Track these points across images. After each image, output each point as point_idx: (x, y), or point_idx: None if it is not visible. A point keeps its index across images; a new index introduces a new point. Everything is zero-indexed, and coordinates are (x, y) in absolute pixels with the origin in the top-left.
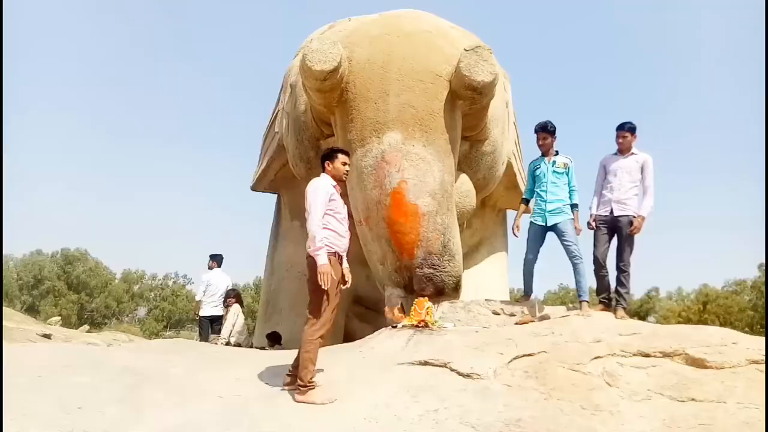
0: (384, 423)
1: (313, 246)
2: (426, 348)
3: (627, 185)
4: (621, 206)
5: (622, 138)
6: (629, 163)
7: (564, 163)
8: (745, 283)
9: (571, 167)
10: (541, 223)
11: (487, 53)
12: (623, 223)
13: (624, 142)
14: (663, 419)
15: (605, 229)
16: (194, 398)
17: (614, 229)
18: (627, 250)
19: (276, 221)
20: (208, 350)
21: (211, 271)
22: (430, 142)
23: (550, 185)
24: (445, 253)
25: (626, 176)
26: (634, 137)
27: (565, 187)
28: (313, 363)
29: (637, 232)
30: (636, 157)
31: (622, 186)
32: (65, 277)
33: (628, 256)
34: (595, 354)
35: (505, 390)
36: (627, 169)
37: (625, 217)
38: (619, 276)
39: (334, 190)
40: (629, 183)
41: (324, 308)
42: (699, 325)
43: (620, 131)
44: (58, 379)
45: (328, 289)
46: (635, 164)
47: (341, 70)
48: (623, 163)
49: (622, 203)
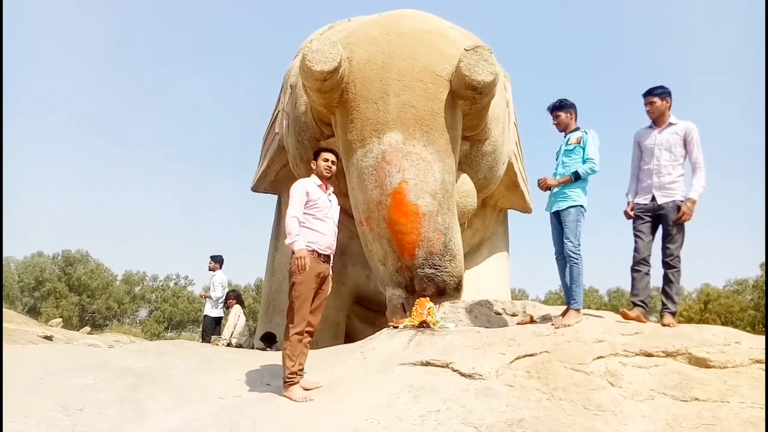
0: (385, 423)
1: (289, 237)
2: (428, 348)
3: (668, 165)
4: (664, 192)
5: (650, 105)
6: (668, 137)
7: (577, 138)
8: (747, 282)
9: (586, 138)
10: (549, 210)
11: (488, 53)
12: (668, 210)
13: (653, 108)
14: (666, 419)
15: (646, 219)
16: (195, 399)
17: (658, 219)
18: (676, 242)
19: (277, 222)
20: (209, 351)
21: (219, 273)
22: (430, 142)
23: (560, 167)
24: (446, 253)
25: (666, 154)
26: (666, 102)
27: (578, 165)
28: (291, 359)
29: (687, 218)
30: (675, 128)
31: (662, 167)
32: (66, 279)
33: (678, 248)
34: (598, 354)
35: (507, 390)
36: (665, 146)
37: (671, 203)
38: (666, 273)
39: (317, 189)
40: (671, 162)
41: (299, 306)
42: (701, 325)
43: (647, 97)
44: (59, 380)
45: (303, 287)
46: (675, 137)
47: (341, 71)
48: (660, 139)
49: (666, 188)
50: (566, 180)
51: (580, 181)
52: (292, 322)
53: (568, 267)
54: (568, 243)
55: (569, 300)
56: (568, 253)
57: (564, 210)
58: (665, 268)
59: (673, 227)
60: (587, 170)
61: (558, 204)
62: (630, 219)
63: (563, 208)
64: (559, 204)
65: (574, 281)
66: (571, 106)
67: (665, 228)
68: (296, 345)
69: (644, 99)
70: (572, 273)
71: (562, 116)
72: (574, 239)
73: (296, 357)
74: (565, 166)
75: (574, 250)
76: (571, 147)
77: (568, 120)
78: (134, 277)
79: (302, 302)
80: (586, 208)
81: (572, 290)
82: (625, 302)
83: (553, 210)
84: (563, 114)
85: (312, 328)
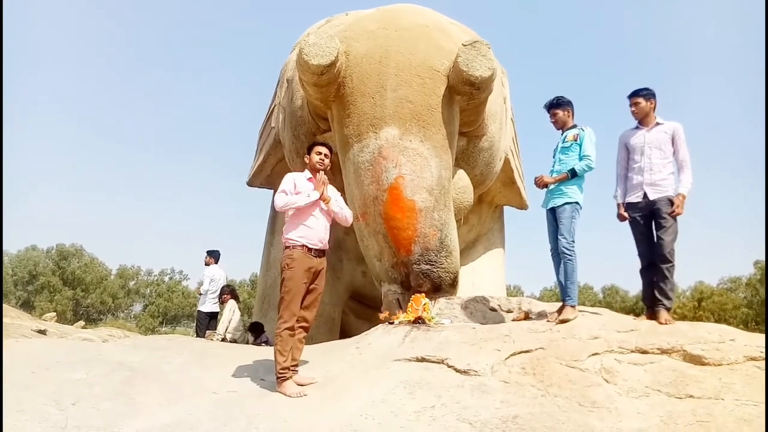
0: (380, 419)
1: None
2: (423, 344)
3: (659, 163)
4: (656, 189)
5: (635, 105)
6: (657, 136)
7: (574, 135)
8: (740, 280)
9: (583, 135)
10: (545, 206)
11: (485, 48)
12: (662, 204)
13: (638, 109)
14: (660, 416)
15: (640, 219)
16: (189, 394)
17: (651, 216)
18: (669, 236)
19: (272, 217)
20: (203, 346)
21: (212, 267)
22: (427, 138)
23: (557, 163)
24: (442, 249)
25: (656, 152)
26: (651, 103)
27: (574, 163)
28: (282, 354)
29: (680, 212)
30: (663, 128)
31: (653, 165)
32: (60, 273)
33: (671, 242)
34: (593, 350)
35: (503, 386)
36: (656, 144)
37: (664, 198)
38: (661, 267)
39: (307, 183)
40: (661, 160)
41: (288, 301)
42: (697, 322)
43: (632, 98)
44: (52, 375)
45: (293, 282)
46: (664, 136)
47: (338, 65)
48: (650, 138)
49: (657, 185)
50: (563, 177)
51: (577, 178)
52: (282, 317)
53: (562, 264)
54: (562, 240)
55: (564, 297)
56: (562, 249)
57: (560, 207)
58: (660, 263)
59: (667, 220)
60: (584, 167)
61: (554, 200)
62: (624, 221)
63: (559, 204)
64: (555, 200)
65: (568, 278)
66: (568, 104)
67: (658, 222)
68: (287, 340)
69: (629, 100)
70: (566, 270)
71: (560, 114)
72: (569, 236)
73: (287, 352)
74: (561, 163)
75: (568, 247)
76: (567, 144)
77: (565, 117)
78: (129, 272)
79: (292, 297)
80: (581, 206)
81: (567, 287)
82: (620, 300)
83: (549, 206)
84: (560, 111)
85: (307, 323)
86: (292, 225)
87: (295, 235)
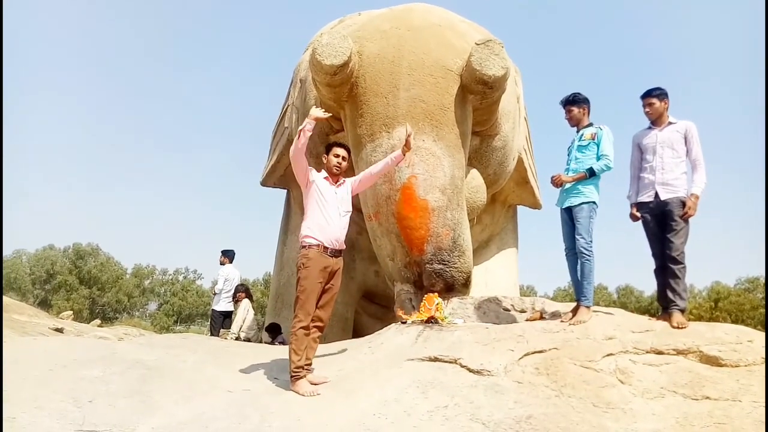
0: (393, 418)
1: (301, 139)
2: (436, 344)
3: (671, 162)
4: (668, 188)
5: (649, 106)
6: (669, 135)
7: (591, 134)
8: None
9: (601, 134)
10: (560, 205)
11: (499, 47)
12: (673, 205)
13: (652, 110)
14: (676, 417)
15: (651, 219)
16: (204, 392)
17: (663, 216)
18: (681, 236)
19: (285, 216)
20: (217, 345)
21: (226, 266)
22: (440, 137)
23: (573, 162)
24: (455, 248)
25: (668, 152)
26: (665, 103)
27: (591, 162)
28: (297, 353)
29: (692, 213)
30: (675, 127)
31: (665, 164)
32: (77, 272)
33: (683, 243)
34: (607, 351)
35: (516, 386)
36: (668, 143)
37: (675, 199)
38: (671, 268)
39: (324, 181)
40: (674, 159)
41: (304, 300)
42: (713, 323)
43: (645, 98)
44: (69, 372)
45: (308, 281)
46: (677, 135)
47: (351, 65)
48: (662, 137)
49: (669, 185)
50: (581, 177)
51: (594, 177)
52: (298, 317)
53: (580, 263)
54: (580, 239)
55: (579, 297)
56: (580, 249)
57: (576, 206)
58: (671, 264)
59: (678, 222)
60: (602, 167)
61: (570, 200)
62: (636, 221)
63: (576, 204)
64: (572, 200)
65: (585, 278)
66: (585, 101)
67: (669, 223)
68: (302, 339)
69: (642, 101)
70: (584, 270)
71: (575, 111)
72: (587, 236)
73: (302, 351)
74: (578, 162)
75: (587, 247)
76: (584, 143)
77: (580, 115)
78: (144, 271)
79: (308, 296)
80: (598, 205)
81: (583, 287)
82: (634, 300)
83: (565, 206)
84: (576, 109)
85: (321, 323)
86: (308, 225)
87: (312, 235)
